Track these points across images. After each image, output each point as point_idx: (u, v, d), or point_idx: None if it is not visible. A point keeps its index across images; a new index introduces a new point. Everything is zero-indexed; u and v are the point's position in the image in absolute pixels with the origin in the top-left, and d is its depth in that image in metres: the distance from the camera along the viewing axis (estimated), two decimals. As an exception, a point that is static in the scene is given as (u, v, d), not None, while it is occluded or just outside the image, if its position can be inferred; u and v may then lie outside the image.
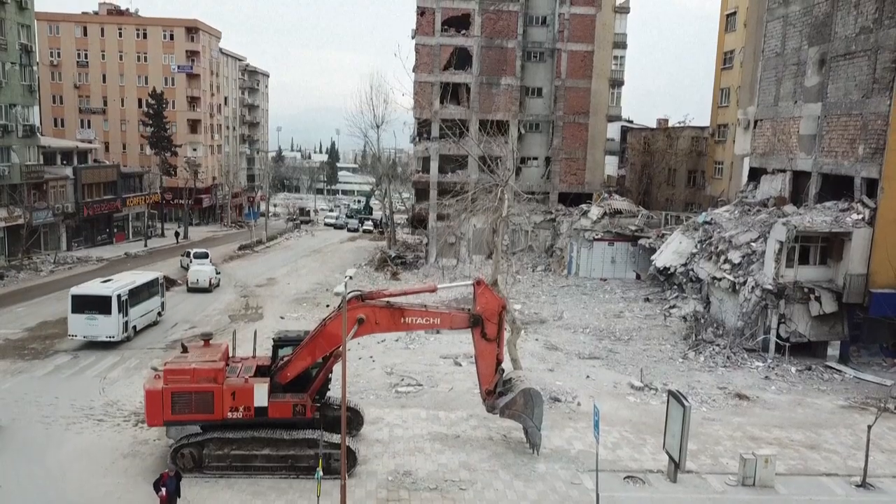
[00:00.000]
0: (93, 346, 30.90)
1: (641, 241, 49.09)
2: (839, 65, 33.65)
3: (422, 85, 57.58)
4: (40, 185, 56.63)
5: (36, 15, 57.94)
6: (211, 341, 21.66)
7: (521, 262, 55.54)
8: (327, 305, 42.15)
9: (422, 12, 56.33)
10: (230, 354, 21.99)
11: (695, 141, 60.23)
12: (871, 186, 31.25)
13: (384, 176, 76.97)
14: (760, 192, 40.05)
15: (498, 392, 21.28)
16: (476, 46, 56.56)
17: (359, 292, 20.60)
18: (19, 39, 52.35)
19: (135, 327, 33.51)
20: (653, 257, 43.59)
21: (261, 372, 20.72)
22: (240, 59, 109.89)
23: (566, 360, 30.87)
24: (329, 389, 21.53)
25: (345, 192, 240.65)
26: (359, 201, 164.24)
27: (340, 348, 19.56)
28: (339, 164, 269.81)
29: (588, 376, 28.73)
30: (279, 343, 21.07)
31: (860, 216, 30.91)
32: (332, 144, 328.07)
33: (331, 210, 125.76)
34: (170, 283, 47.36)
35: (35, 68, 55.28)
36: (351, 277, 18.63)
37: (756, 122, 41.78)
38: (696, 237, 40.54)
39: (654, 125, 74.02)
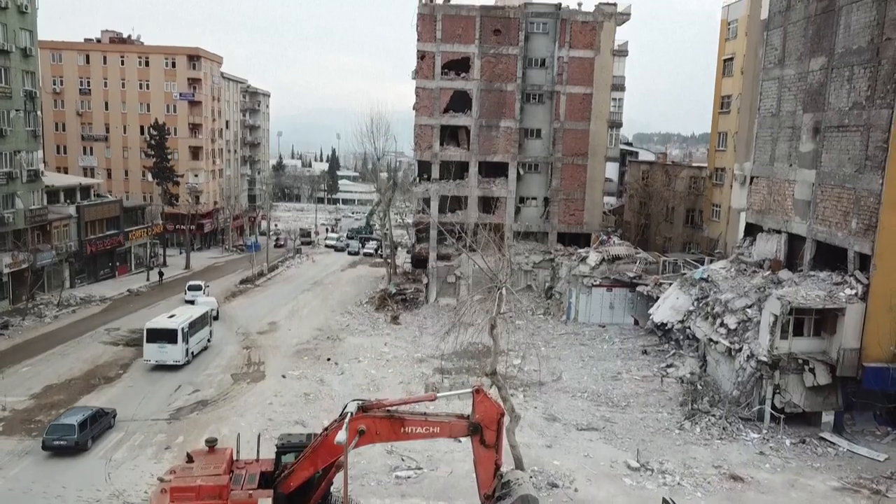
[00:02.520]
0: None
1: (639, 289, 49.59)
2: (833, 135, 34.14)
3: (422, 128, 58.14)
4: (44, 226, 57.18)
5: (39, 43, 58.35)
6: (216, 447, 22.08)
7: (520, 305, 56.01)
8: (328, 359, 42.83)
9: (422, 56, 56.87)
10: (235, 458, 22.39)
11: (693, 181, 60.75)
12: (864, 261, 31.73)
13: (383, 203, 77.50)
14: (756, 251, 40.52)
15: (496, 496, 21.73)
16: (476, 89, 57.11)
17: (360, 402, 21.04)
18: (24, 86, 52.91)
19: (193, 353, 41.30)
20: (650, 311, 44.08)
21: (264, 478, 21.19)
22: (241, 82, 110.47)
23: (564, 433, 31.34)
24: (331, 494, 21.99)
25: (345, 202, 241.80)
26: (357, 218, 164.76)
27: (341, 458, 20.10)
28: (339, 174, 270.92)
29: (586, 454, 29.18)
30: (282, 449, 21.54)
31: (853, 291, 31.39)
32: (333, 152, 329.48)
33: (329, 230, 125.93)
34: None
35: (38, 113, 55.82)
36: (351, 414, 19.05)
37: (752, 178, 42.28)
38: (693, 294, 41.07)
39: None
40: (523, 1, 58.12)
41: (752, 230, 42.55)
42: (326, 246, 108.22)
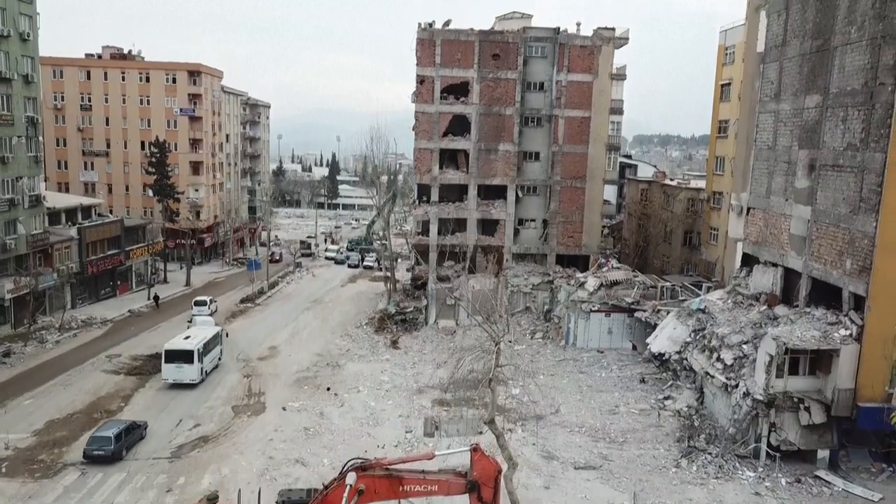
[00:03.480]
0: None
1: (637, 314, 49.93)
2: (828, 174, 34.47)
3: (421, 151, 58.51)
4: (45, 249, 57.50)
5: (40, 60, 58.67)
6: (218, 502, 22.40)
7: (519, 327, 56.40)
8: (328, 389, 43.15)
9: (421, 80, 57.21)
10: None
11: (691, 202, 61.06)
12: (859, 301, 32.04)
13: (382, 218, 77.89)
14: (753, 283, 40.82)
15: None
16: (475, 114, 57.48)
17: (359, 462, 21.32)
18: (25, 112, 53.25)
19: (206, 371, 44.17)
20: (648, 340, 44.43)
21: (265, 535, 21.51)
22: (240, 95, 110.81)
23: (562, 472, 31.64)
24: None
25: (345, 207, 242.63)
26: (355, 227, 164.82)
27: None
28: (339, 178, 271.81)
29: (584, 496, 29.48)
30: (283, 505, 21.87)
31: (848, 332, 31.70)
32: (333, 157, 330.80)
33: (330, 241, 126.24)
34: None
35: (40, 138, 56.17)
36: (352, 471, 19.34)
37: (749, 209, 42.59)
38: (690, 325, 41.41)
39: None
40: (522, 25, 58.54)
41: (749, 260, 42.85)
42: (326, 258, 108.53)
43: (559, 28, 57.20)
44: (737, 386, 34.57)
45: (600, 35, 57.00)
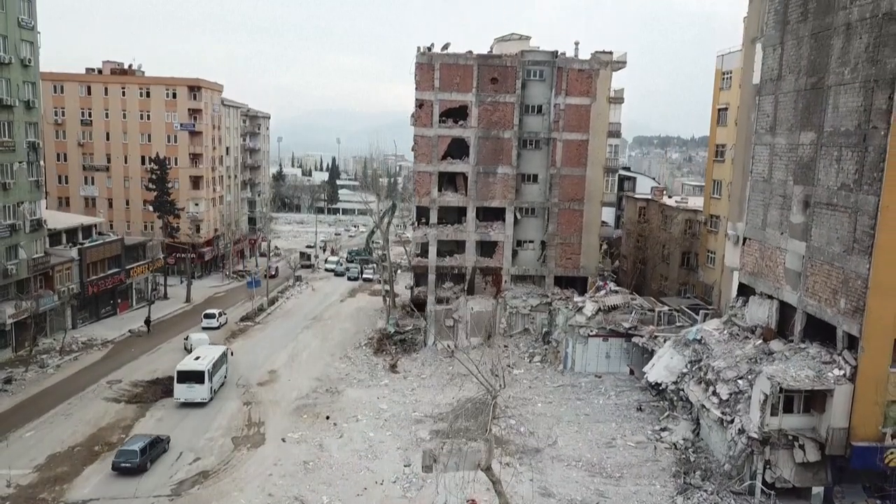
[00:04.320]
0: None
1: (635, 339, 50.24)
2: (822, 212, 34.75)
3: (420, 174, 58.83)
4: (46, 271, 57.81)
5: (41, 75, 58.90)
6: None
7: (518, 350, 56.70)
8: (327, 417, 43.46)
9: (420, 104, 57.51)
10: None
11: (689, 224, 61.36)
12: (853, 340, 32.33)
13: (381, 231, 78.20)
14: (749, 314, 41.11)
15: None
16: (473, 137, 57.79)
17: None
18: (27, 138, 53.58)
19: (214, 390, 46.23)
20: (645, 368, 44.75)
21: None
22: (240, 107, 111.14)
23: (558, 511, 31.96)
24: None
25: (345, 212, 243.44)
26: (352, 235, 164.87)
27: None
28: (339, 182, 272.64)
29: (579, 537, 29.81)
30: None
31: (842, 372, 32.00)
32: (333, 161, 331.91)
33: (330, 251, 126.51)
34: (172, 383, 48.74)
35: (41, 163, 56.51)
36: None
37: (745, 239, 42.88)
38: (687, 355, 41.73)
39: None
40: (520, 48, 58.85)
41: (745, 290, 43.15)
42: (326, 270, 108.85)
43: (557, 52, 57.48)
44: (732, 421, 34.90)
45: (598, 59, 57.29)
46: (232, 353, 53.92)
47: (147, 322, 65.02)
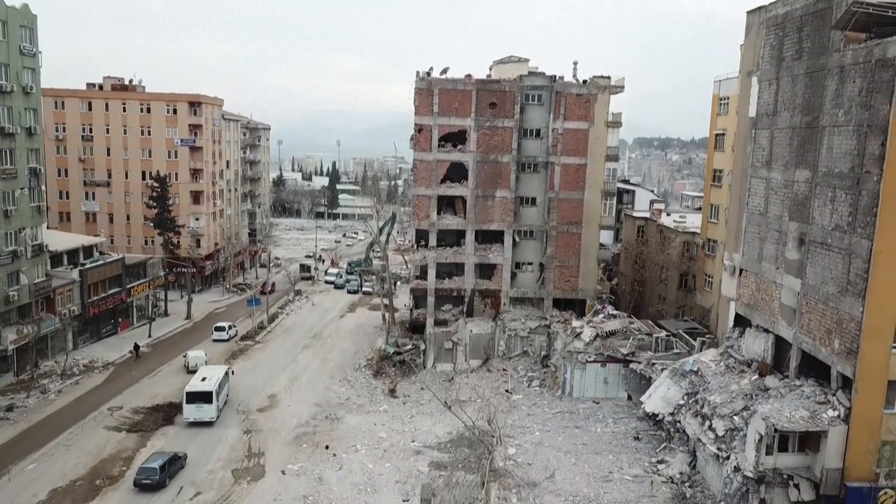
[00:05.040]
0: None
1: (633, 366, 50.58)
2: (817, 251, 35.06)
3: (419, 198, 59.16)
4: (48, 295, 58.15)
5: (42, 91, 59.14)
6: None
7: (517, 374, 57.02)
8: (326, 447, 43.76)
9: (419, 129, 57.88)
10: None
11: (686, 246, 61.67)
12: (847, 380, 32.65)
13: (380, 244, 78.57)
14: (745, 347, 41.44)
15: None
16: (472, 161, 58.14)
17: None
18: (28, 164, 53.91)
19: (220, 408, 48.08)
20: (642, 398, 45.08)
21: None
22: (240, 120, 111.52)
23: (555, 550, 32.26)
24: None
25: (345, 217, 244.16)
26: (350, 244, 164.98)
27: None
28: (339, 187, 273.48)
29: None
30: None
31: (836, 413, 32.32)
32: (333, 165, 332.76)
33: (330, 262, 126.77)
34: (173, 410, 49.20)
35: (43, 188, 56.86)
36: None
37: (741, 270, 43.20)
38: (684, 387, 42.05)
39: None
40: (518, 72, 59.19)
41: (741, 320, 43.46)
42: (326, 282, 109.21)
43: (555, 77, 57.82)
44: (728, 458, 35.23)
45: (596, 83, 57.64)
46: (233, 373, 55.08)
47: (136, 348, 63.38)
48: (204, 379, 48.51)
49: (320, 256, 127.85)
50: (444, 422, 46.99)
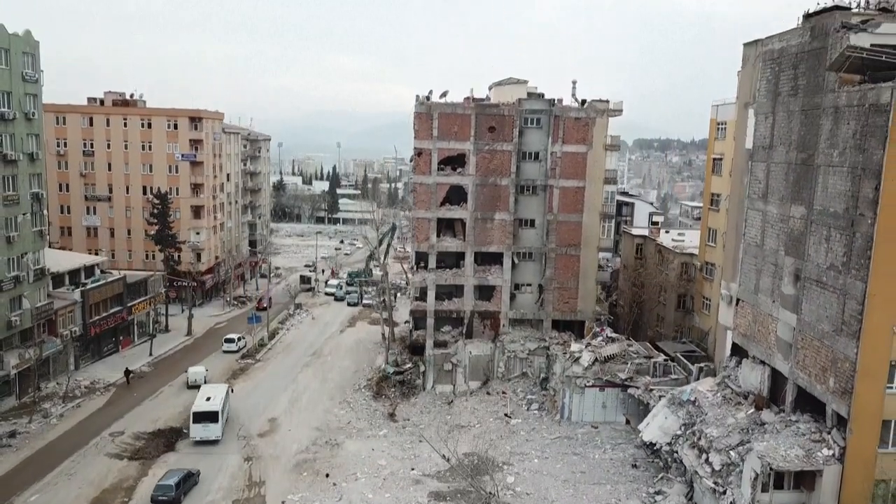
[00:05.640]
0: None
1: (631, 391, 50.91)
2: (812, 288, 35.39)
3: (419, 220, 59.49)
4: (50, 318, 58.49)
5: (44, 107, 59.37)
6: None
7: (516, 396, 57.32)
8: (327, 475, 44.10)
9: (419, 153, 58.23)
10: None
11: (685, 267, 61.99)
12: (842, 419, 32.97)
13: (379, 256, 78.81)
14: (742, 378, 41.77)
15: None
16: (471, 184, 58.49)
17: None
18: (30, 189, 54.27)
19: (223, 427, 49.38)
20: (640, 426, 45.41)
21: None
22: (241, 132, 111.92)
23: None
24: None
25: (345, 221, 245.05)
26: (348, 252, 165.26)
27: None
28: (339, 192, 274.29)
29: None
30: None
31: (831, 452, 32.66)
32: (333, 169, 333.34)
33: (330, 273, 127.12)
34: (174, 435, 49.64)
35: (45, 212, 57.19)
36: None
37: (738, 300, 43.53)
38: (681, 417, 42.37)
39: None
40: (517, 95, 59.53)
41: (738, 349, 43.80)
42: (326, 293, 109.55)
43: (554, 101, 58.19)
44: (725, 492, 35.55)
45: (594, 107, 58.00)
46: (232, 391, 56.48)
47: (126, 373, 62.13)
48: (208, 399, 49.93)
49: (322, 270, 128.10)
50: (444, 449, 47.29)
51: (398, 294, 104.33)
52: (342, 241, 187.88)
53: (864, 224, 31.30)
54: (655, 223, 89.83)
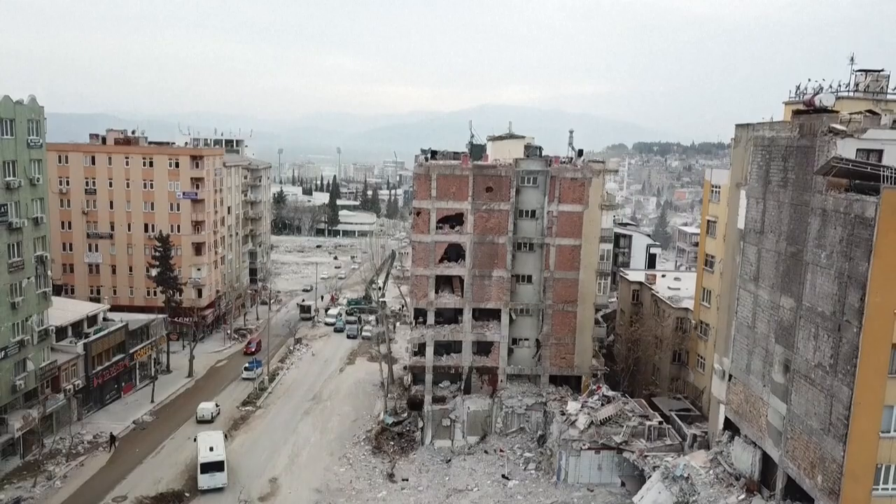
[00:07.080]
0: None
1: (626, 455, 51.69)
2: (801, 382, 36.18)
3: (418, 278, 60.31)
4: (54, 375, 59.28)
5: (46, 146, 59.88)
6: None
7: (514, 454, 58.10)
8: (327, 549, 44.90)
9: (417, 212, 59.06)
10: None
11: (680, 321, 62.79)
12: (830, 516, 33.77)
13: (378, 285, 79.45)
14: (734, 456, 42.58)
15: None
16: (469, 242, 59.33)
17: None
18: (35, 252, 55.06)
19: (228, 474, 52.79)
20: (634, 498, 46.24)
21: None
22: (241, 164, 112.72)
23: None
24: None
25: (346, 233, 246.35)
26: (344, 273, 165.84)
27: None
28: (339, 203, 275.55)
29: None
30: None
31: (818, 550, 33.45)
32: (333, 179, 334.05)
33: (330, 299, 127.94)
34: (177, 500, 50.48)
35: (49, 273, 57.98)
36: None
37: (730, 376, 44.33)
38: (675, 493, 43.18)
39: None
40: (514, 154, 60.39)
41: (730, 424, 44.59)
42: (326, 324, 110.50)
43: (550, 160, 59.10)
44: (716, 579, 36.39)
45: (590, 168, 58.85)
46: (227, 437, 59.97)
47: (112, 438, 59.88)
48: (212, 449, 53.17)
49: (321, 296, 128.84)
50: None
51: (397, 323, 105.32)
52: (336, 258, 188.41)
53: (851, 331, 32.09)
54: (652, 261, 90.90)
